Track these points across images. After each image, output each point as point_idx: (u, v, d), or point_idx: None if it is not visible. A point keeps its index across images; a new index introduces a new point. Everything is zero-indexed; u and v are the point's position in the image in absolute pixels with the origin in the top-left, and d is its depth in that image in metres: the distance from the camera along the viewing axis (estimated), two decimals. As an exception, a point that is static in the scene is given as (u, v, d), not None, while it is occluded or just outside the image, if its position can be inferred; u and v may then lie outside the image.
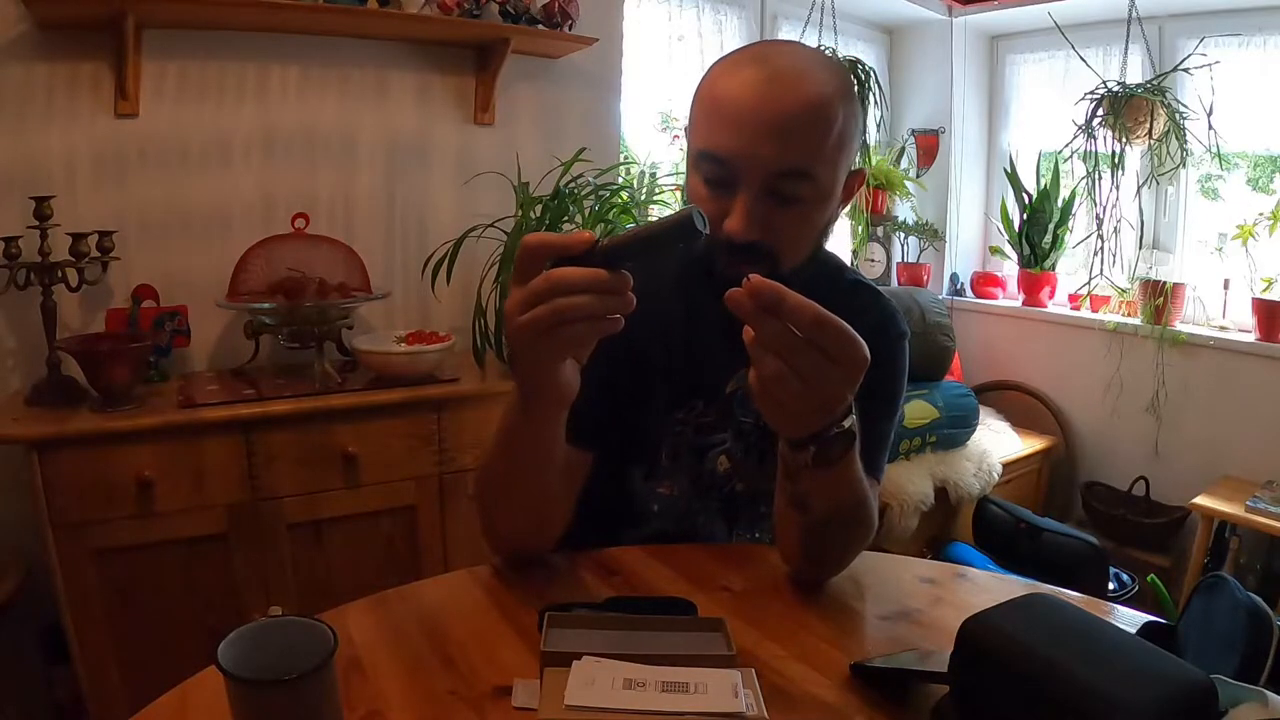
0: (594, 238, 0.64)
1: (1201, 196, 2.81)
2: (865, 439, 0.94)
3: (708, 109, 0.83)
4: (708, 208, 0.83)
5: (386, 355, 1.78)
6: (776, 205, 0.81)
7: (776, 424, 0.69)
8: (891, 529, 2.37)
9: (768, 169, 0.79)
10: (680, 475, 0.99)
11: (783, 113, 0.78)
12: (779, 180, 0.80)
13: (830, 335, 0.61)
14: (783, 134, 0.78)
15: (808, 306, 0.60)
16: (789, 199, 0.81)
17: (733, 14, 2.80)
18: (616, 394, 0.94)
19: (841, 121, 0.81)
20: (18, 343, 1.68)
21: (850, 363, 0.62)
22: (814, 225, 0.86)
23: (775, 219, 0.82)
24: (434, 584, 0.86)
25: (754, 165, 0.79)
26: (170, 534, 1.52)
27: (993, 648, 0.58)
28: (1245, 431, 2.52)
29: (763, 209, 0.81)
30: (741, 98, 0.79)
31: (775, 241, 0.83)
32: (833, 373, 0.62)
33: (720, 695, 0.63)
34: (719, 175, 0.82)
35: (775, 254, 0.83)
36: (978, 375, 3.21)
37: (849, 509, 0.79)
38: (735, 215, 0.81)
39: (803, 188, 0.81)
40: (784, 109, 0.78)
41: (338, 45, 1.96)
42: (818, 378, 0.62)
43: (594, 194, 2.04)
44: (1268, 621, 0.72)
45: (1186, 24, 2.70)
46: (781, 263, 0.85)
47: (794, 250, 0.86)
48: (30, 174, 1.65)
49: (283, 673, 0.51)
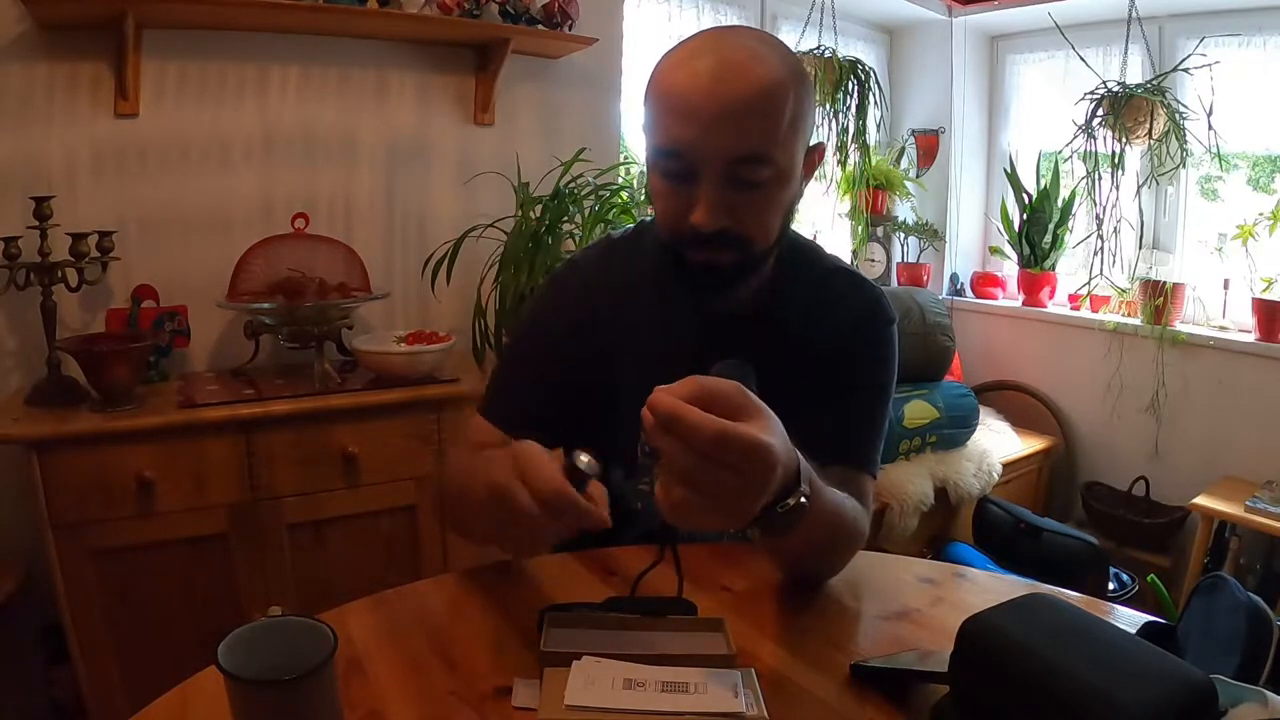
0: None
1: (1201, 197, 2.81)
2: (857, 432, 0.94)
3: (659, 105, 0.83)
4: (671, 202, 0.84)
5: (386, 355, 1.78)
6: (738, 191, 0.82)
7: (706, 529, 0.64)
8: (891, 529, 2.37)
9: (725, 157, 0.80)
10: None
11: (734, 100, 0.78)
12: (737, 167, 0.81)
13: (734, 450, 0.57)
14: (736, 120, 0.79)
15: (706, 425, 0.56)
16: (750, 184, 0.82)
17: (733, 14, 2.80)
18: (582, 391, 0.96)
19: (793, 102, 0.82)
20: (18, 343, 1.68)
21: (759, 474, 0.58)
22: (778, 206, 0.87)
23: (739, 205, 0.83)
24: (434, 584, 0.86)
25: (711, 155, 0.80)
26: (170, 534, 1.52)
27: (993, 648, 0.58)
28: (1245, 431, 2.52)
29: (725, 197, 0.81)
30: (692, 90, 0.79)
31: (741, 227, 0.84)
32: (738, 484, 0.58)
33: (720, 695, 0.63)
34: (678, 169, 0.83)
35: (743, 238, 0.85)
36: (978, 375, 3.21)
37: (826, 541, 0.79)
38: (700, 207, 0.81)
39: (762, 171, 0.82)
40: (735, 96, 0.78)
41: (338, 45, 1.96)
42: (722, 493, 0.58)
43: (594, 194, 2.04)
44: (1268, 621, 0.72)
45: (1186, 24, 2.70)
46: (752, 246, 0.86)
47: (761, 233, 0.86)
48: (30, 174, 1.65)
49: (283, 673, 0.51)
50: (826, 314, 0.97)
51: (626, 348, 0.97)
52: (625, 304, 0.97)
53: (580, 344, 0.96)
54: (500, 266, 1.96)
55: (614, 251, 1.01)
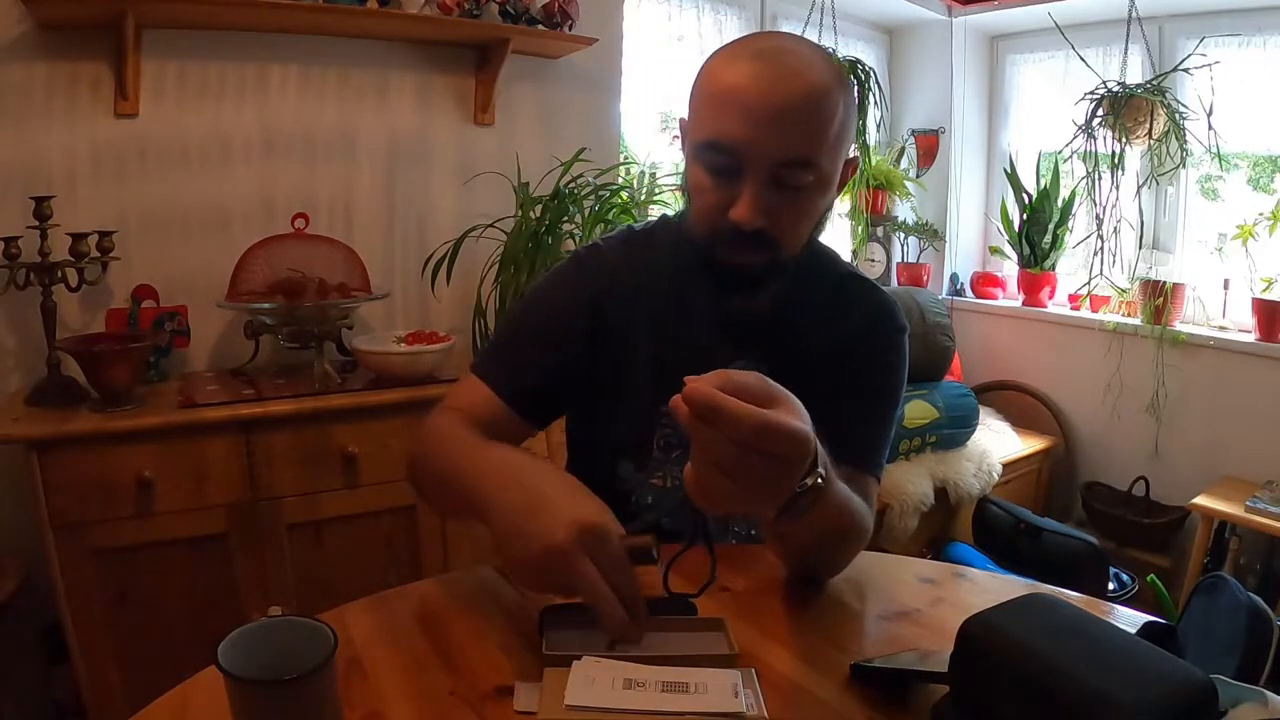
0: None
1: (1201, 197, 2.81)
2: (863, 436, 0.94)
3: (711, 100, 0.83)
4: (711, 197, 0.85)
5: (386, 355, 1.78)
6: (779, 193, 0.83)
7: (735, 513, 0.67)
8: (891, 529, 2.37)
9: (774, 158, 0.81)
10: (674, 466, 0.98)
11: (788, 103, 0.79)
12: (783, 169, 0.81)
13: (776, 439, 0.57)
14: (789, 124, 0.79)
15: (748, 415, 0.56)
16: (792, 188, 0.83)
17: (733, 14, 2.80)
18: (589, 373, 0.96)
19: (842, 111, 0.83)
20: (18, 343, 1.68)
21: (796, 460, 0.60)
22: (814, 213, 0.88)
23: (777, 207, 0.83)
24: (434, 584, 0.86)
25: (760, 154, 0.80)
26: (170, 534, 1.52)
27: (993, 648, 0.58)
28: (1245, 431, 2.52)
29: (767, 197, 0.82)
30: (747, 88, 0.80)
31: (776, 230, 0.84)
32: (775, 471, 0.59)
33: (720, 695, 0.63)
34: (724, 165, 0.83)
35: (777, 242, 0.85)
36: (978, 375, 3.21)
37: (837, 532, 0.80)
38: (743, 204, 0.82)
39: (806, 176, 0.82)
40: (790, 99, 0.79)
41: (338, 45, 1.96)
42: (757, 479, 0.59)
43: (594, 194, 2.04)
44: (1268, 621, 0.72)
45: (1186, 24, 2.70)
46: (782, 251, 0.86)
47: (794, 238, 0.87)
48: (30, 174, 1.65)
49: (283, 673, 0.51)
50: (838, 319, 0.97)
51: (639, 339, 0.96)
52: (642, 294, 0.97)
53: (595, 323, 0.95)
54: (500, 266, 1.96)
55: (633, 242, 1.01)
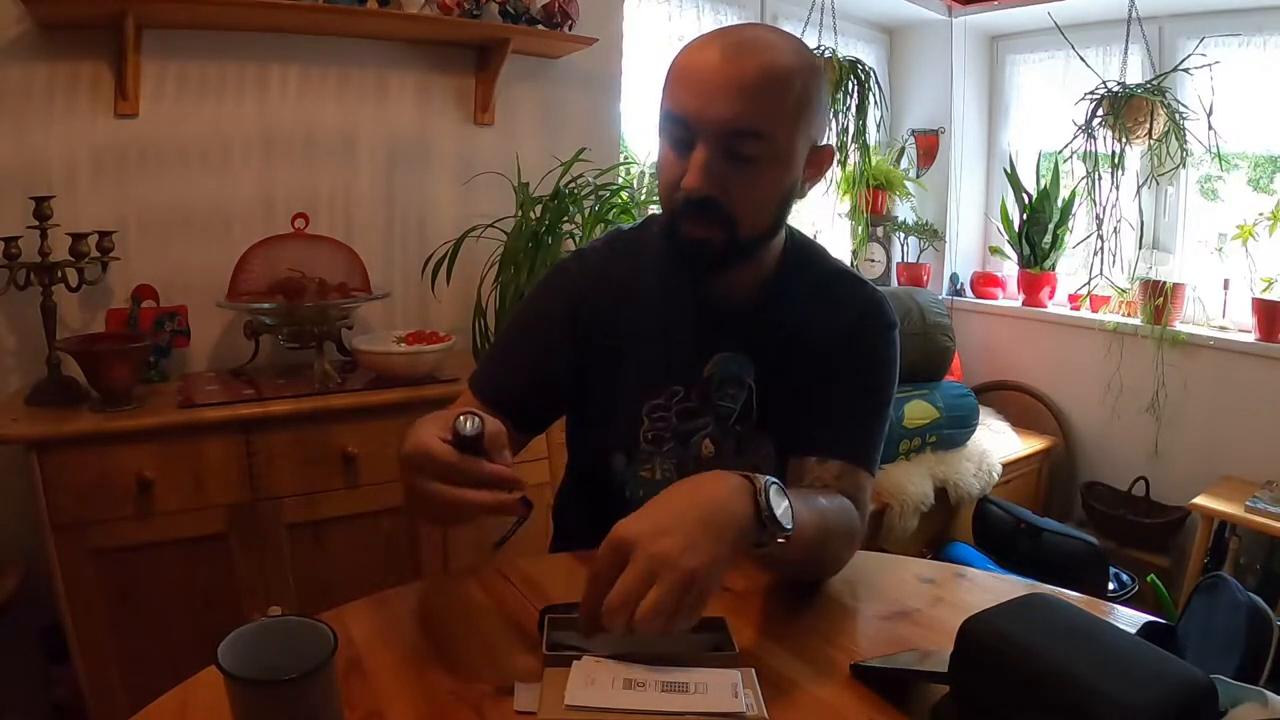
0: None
1: (1201, 196, 2.81)
2: (855, 431, 0.94)
3: (673, 77, 0.87)
4: (672, 171, 0.87)
5: (386, 355, 1.78)
6: (732, 164, 0.84)
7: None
8: (891, 529, 2.37)
9: (722, 127, 0.83)
10: (665, 459, 0.99)
11: (738, 75, 0.82)
12: (733, 139, 0.83)
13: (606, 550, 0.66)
14: (737, 94, 0.82)
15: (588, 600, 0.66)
16: (742, 158, 0.84)
17: (732, 14, 2.80)
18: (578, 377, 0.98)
19: (799, 90, 0.85)
20: (18, 343, 1.68)
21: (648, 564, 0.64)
22: (770, 189, 0.88)
23: (730, 178, 0.85)
24: (434, 584, 0.86)
25: (708, 122, 0.83)
26: (170, 534, 1.51)
27: (993, 648, 0.58)
28: (1245, 431, 2.52)
29: (717, 166, 0.84)
30: (702, 64, 0.84)
31: (729, 201, 0.85)
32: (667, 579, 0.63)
33: (720, 695, 0.63)
34: (680, 136, 0.85)
35: (732, 215, 0.86)
36: (978, 375, 3.21)
37: (821, 544, 0.80)
38: (690, 169, 0.84)
39: (757, 147, 0.84)
40: (739, 72, 0.82)
41: (338, 45, 1.96)
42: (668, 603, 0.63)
43: (594, 194, 2.04)
44: (1268, 621, 0.72)
45: (1186, 24, 2.70)
46: (739, 225, 0.87)
47: (750, 213, 0.87)
48: (30, 174, 1.65)
49: (283, 673, 0.51)
50: (827, 314, 0.97)
51: (627, 337, 0.97)
52: (628, 293, 0.98)
53: (578, 328, 0.97)
54: (500, 266, 1.96)
55: (620, 243, 1.03)
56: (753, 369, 0.97)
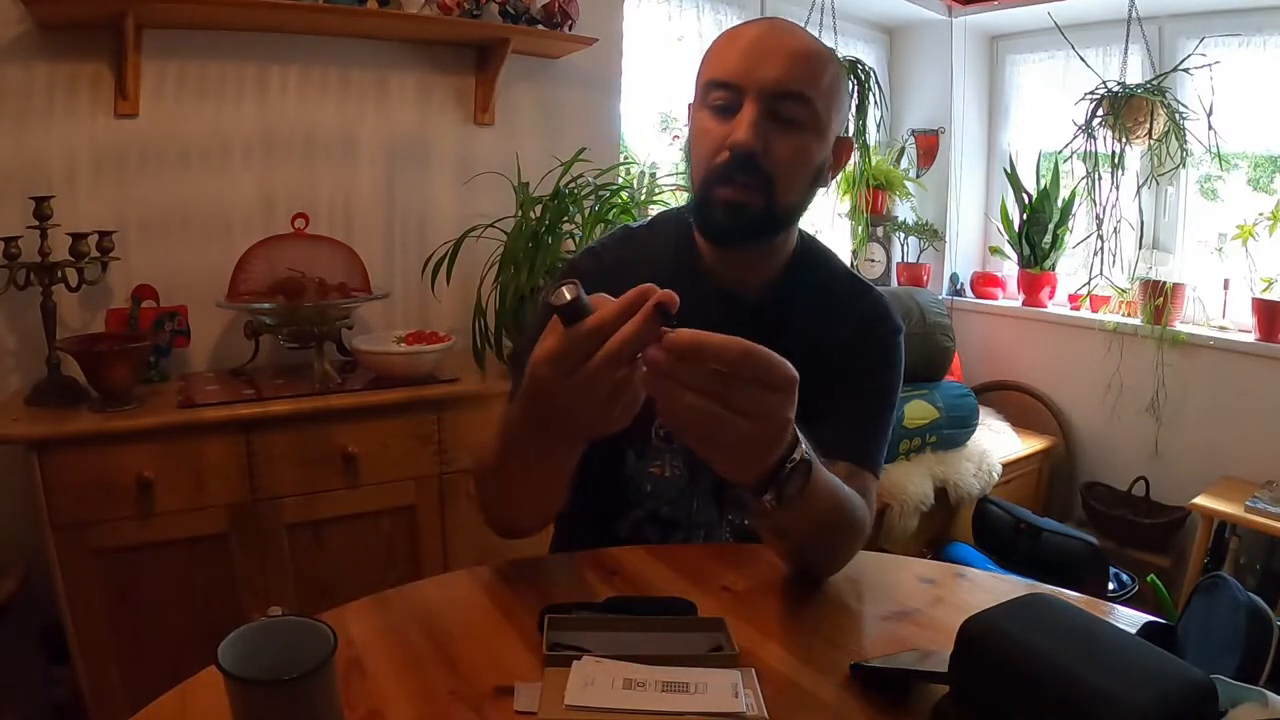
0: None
1: (1201, 196, 2.81)
2: (861, 434, 0.95)
3: (717, 49, 0.91)
4: (711, 137, 0.89)
5: (386, 355, 1.78)
6: (776, 126, 0.87)
7: (732, 472, 0.68)
8: (891, 529, 2.37)
9: (770, 88, 0.86)
10: (675, 456, 1.00)
11: (783, 42, 0.87)
12: (780, 101, 0.86)
13: (762, 363, 0.61)
14: (786, 57, 0.86)
15: (732, 343, 0.60)
16: (788, 121, 0.87)
17: (733, 14, 2.80)
18: None
19: (834, 71, 0.90)
20: (18, 343, 1.68)
21: (786, 384, 0.62)
22: (807, 158, 0.90)
23: (773, 139, 0.87)
24: (434, 584, 0.86)
25: (757, 82, 0.86)
26: (170, 534, 1.51)
27: (993, 648, 0.58)
28: (1245, 431, 2.52)
29: (764, 126, 0.86)
30: (751, 32, 0.89)
31: (771, 163, 0.87)
32: (773, 399, 0.62)
33: (720, 695, 0.63)
34: (725, 100, 0.88)
35: (771, 178, 0.88)
36: (978, 375, 3.21)
37: (832, 522, 0.80)
38: (740, 125, 0.86)
39: (801, 111, 0.87)
40: (783, 40, 0.87)
41: (338, 45, 1.96)
42: (762, 409, 0.61)
43: (594, 194, 2.04)
44: (1268, 621, 0.72)
45: (1186, 24, 2.70)
46: (776, 189, 0.88)
47: (787, 180, 0.89)
48: (30, 174, 1.65)
49: (283, 673, 0.51)
50: (832, 317, 0.98)
51: None
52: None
53: None
54: (500, 266, 1.96)
55: (630, 239, 1.04)
56: None
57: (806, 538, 0.80)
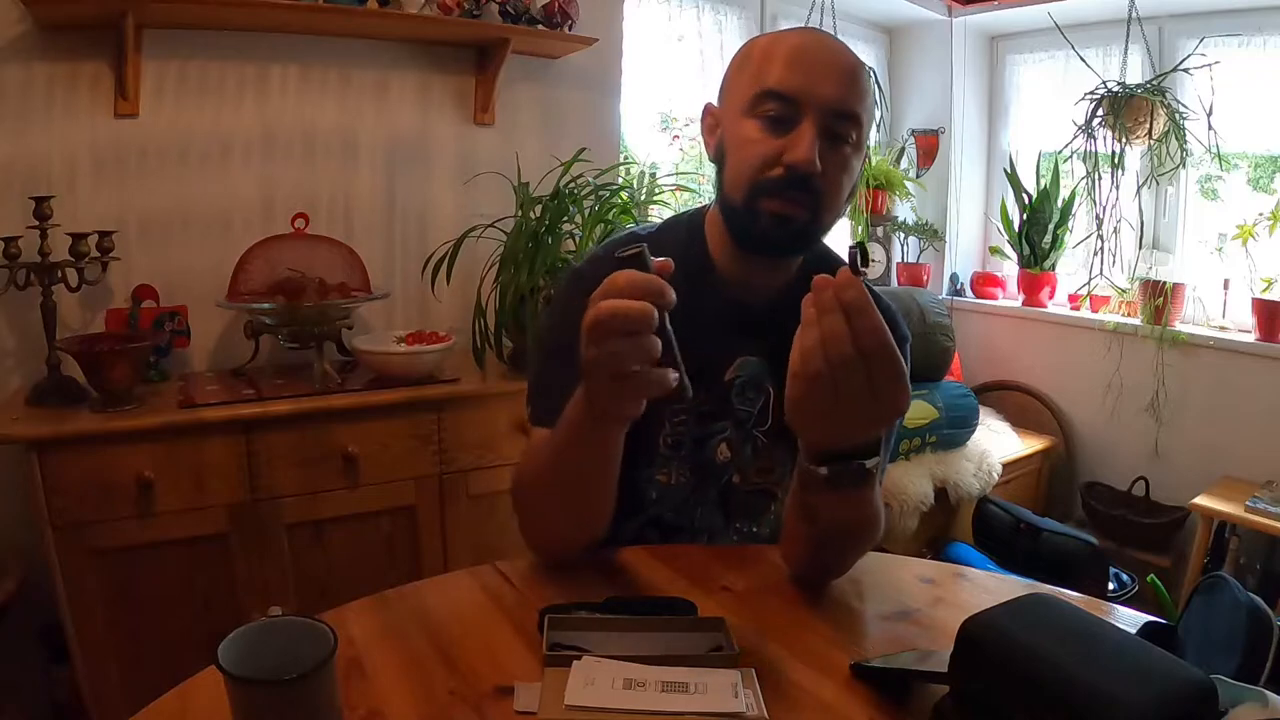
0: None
1: (1201, 196, 2.81)
2: None
3: (772, 56, 0.88)
4: (761, 148, 0.87)
5: (386, 355, 1.78)
6: (829, 144, 0.87)
7: (795, 423, 0.70)
8: (891, 529, 2.37)
9: (831, 106, 0.86)
10: (681, 464, 0.99)
11: (846, 62, 0.87)
12: (836, 120, 0.86)
13: (886, 366, 0.62)
14: (847, 77, 0.87)
15: (882, 329, 0.62)
16: (841, 139, 0.87)
17: (732, 14, 2.80)
18: None
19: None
20: (18, 343, 1.68)
21: (890, 403, 0.63)
22: (851, 175, 0.91)
23: (827, 158, 0.86)
24: (434, 584, 0.86)
25: (820, 100, 0.85)
26: (170, 534, 1.51)
27: (993, 648, 0.58)
28: (1245, 431, 2.52)
29: (821, 144, 0.86)
30: (806, 45, 0.88)
31: (825, 182, 0.87)
32: (869, 405, 0.63)
33: (720, 695, 0.63)
34: (781, 113, 0.87)
35: (819, 197, 0.87)
36: (978, 375, 3.21)
37: (856, 526, 0.81)
38: (803, 144, 0.84)
39: (852, 130, 0.88)
40: (846, 60, 0.88)
41: (338, 45, 1.96)
42: (853, 400, 0.63)
43: (594, 194, 2.04)
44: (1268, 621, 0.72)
45: (1186, 24, 2.70)
46: (824, 207, 0.89)
47: (835, 199, 0.90)
48: (30, 174, 1.65)
49: (283, 673, 0.51)
50: None
51: None
52: None
53: None
54: (500, 266, 1.96)
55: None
56: (768, 372, 0.97)
57: (835, 530, 0.80)
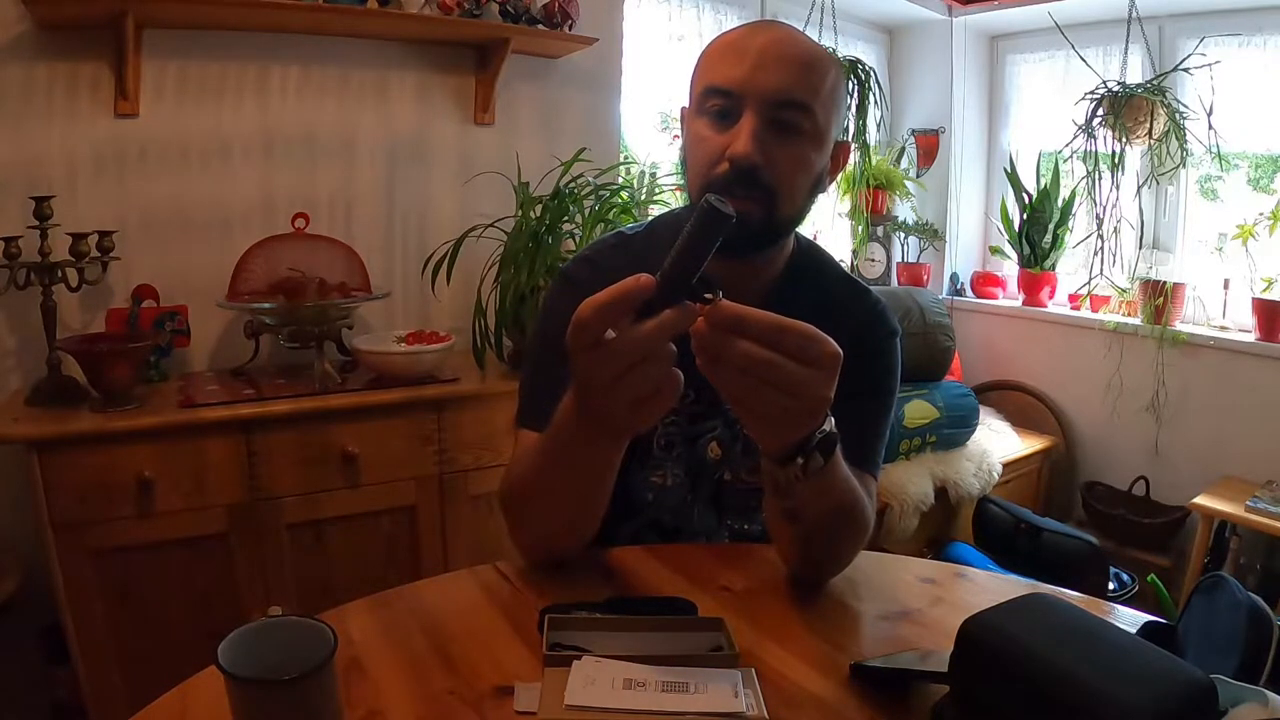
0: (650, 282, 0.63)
1: (1201, 196, 2.81)
2: (860, 436, 0.94)
3: (714, 55, 0.88)
4: (710, 145, 0.86)
5: (386, 355, 1.78)
6: (776, 135, 0.85)
7: (766, 441, 0.70)
8: (891, 529, 2.37)
9: (771, 96, 0.84)
10: (675, 464, 1.00)
11: (784, 49, 0.85)
12: (780, 109, 0.84)
13: (796, 340, 0.63)
14: (787, 65, 0.84)
15: (768, 318, 0.62)
16: (789, 128, 0.85)
17: (733, 14, 2.80)
18: None
19: (833, 76, 0.88)
20: (18, 343, 1.68)
21: (825, 361, 0.64)
22: (808, 167, 0.89)
23: (774, 149, 0.85)
24: (434, 584, 0.86)
25: (758, 91, 0.84)
26: (170, 534, 1.52)
27: (993, 648, 0.58)
28: (1245, 431, 2.52)
29: (765, 136, 0.84)
30: (747, 39, 0.86)
31: (773, 173, 0.85)
32: (811, 375, 0.63)
33: (720, 695, 0.63)
34: (723, 107, 0.86)
35: (773, 188, 0.86)
36: (978, 375, 3.21)
37: (842, 513, 0.80)
38: (740, 137, 0.83)
39: (802, 120, 0.85)
40: (785, 47, 0.85)
41: (338, 45, 1.96)
42: (798, 384, 0.63)
43: (594, 194, 2.04)
44: (1268, 621, 0.72)
45: (1186, 24, 2.70)
46: (778, 199, 0.87)
47: (789, 190, 0.88)
48: (30, 174, 1.65)
49: (283, 673, 0.51)
50: (831, 321, 0.97)
51: None
52: None
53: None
54: (500, 266, 1.96)
55: (627, 245, 1.02)
56: None
57: (819, 522, 0.79)
